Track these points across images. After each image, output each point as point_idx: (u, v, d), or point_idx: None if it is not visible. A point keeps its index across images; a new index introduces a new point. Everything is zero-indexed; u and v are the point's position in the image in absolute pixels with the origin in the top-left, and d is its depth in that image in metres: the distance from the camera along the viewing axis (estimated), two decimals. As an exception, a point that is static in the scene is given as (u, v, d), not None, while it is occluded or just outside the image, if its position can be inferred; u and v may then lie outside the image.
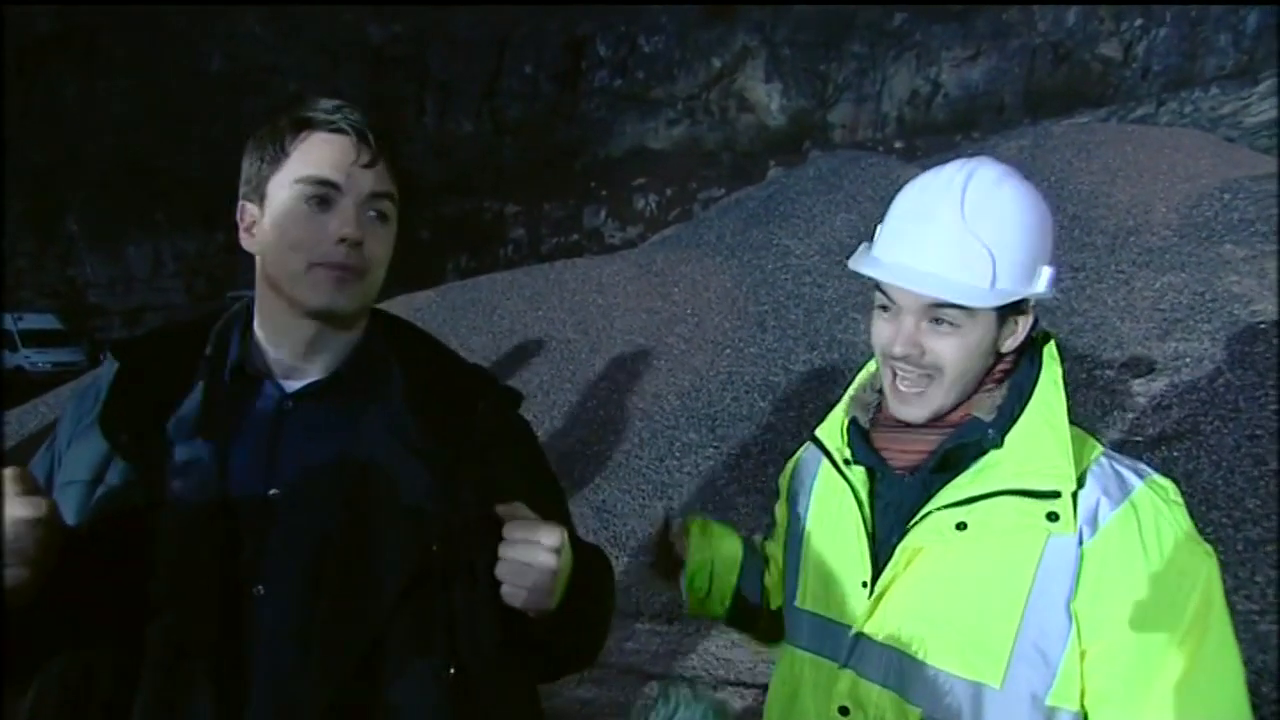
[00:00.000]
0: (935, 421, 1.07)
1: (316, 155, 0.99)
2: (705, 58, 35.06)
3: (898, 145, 26.13)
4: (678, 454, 5.71)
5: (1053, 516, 0.94)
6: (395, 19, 34.45)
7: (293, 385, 1.03)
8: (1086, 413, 4.86)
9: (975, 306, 1.00)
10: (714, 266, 8.33)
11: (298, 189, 0.99)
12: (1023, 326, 1.05)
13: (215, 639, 0.90)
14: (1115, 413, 4.83)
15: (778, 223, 8.59)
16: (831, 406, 1.30)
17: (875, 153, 12.85)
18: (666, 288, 8.10)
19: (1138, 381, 5.06)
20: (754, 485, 5.25)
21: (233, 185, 1.06)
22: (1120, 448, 3.58)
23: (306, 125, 1.01)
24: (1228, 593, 3.07)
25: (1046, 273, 1.03)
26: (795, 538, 1.22)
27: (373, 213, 1.02)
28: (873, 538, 1.07)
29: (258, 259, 1.04)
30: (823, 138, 30.29)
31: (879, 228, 1.16)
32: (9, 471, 0.85)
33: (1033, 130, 11.11)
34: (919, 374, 1.03)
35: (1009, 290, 1.00)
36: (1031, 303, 1.06)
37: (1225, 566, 3.35)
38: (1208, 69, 23.51)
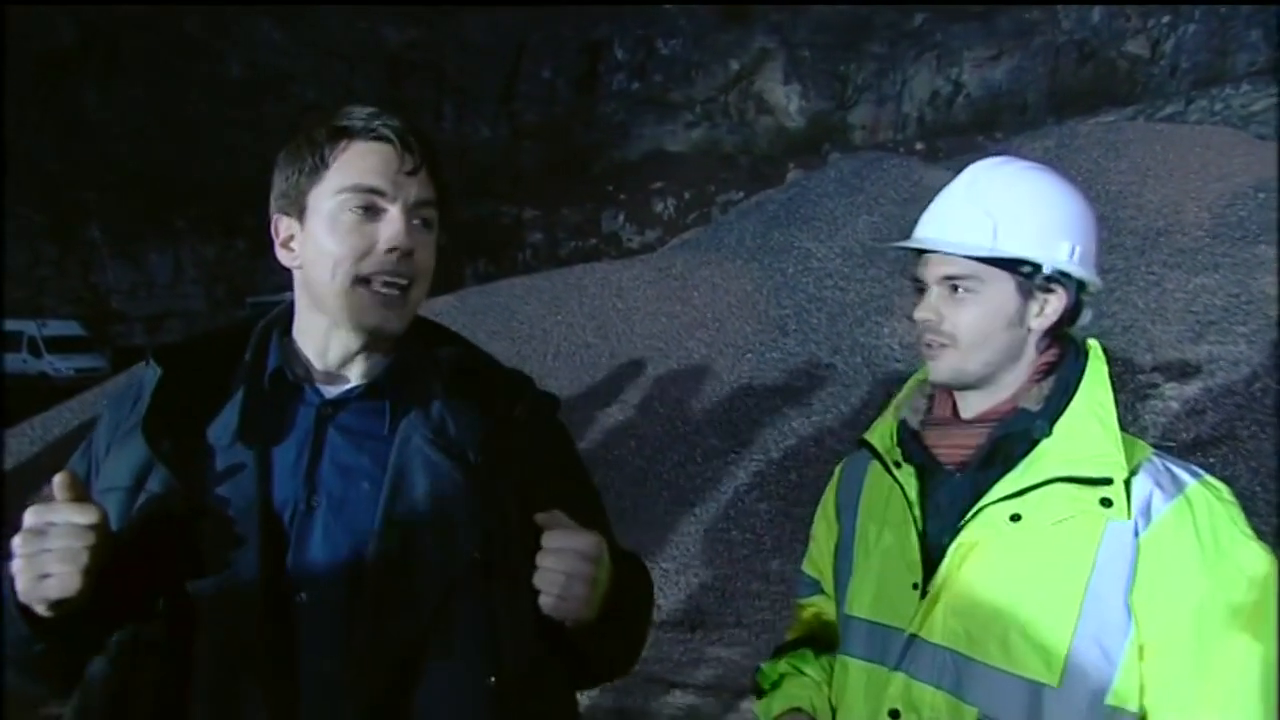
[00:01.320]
0: (986, 414, 1.08)
1: (361, 164, 0.98)
2: (723, 60, 35.06)
3: (919, 146, 25.99)
4: (699, 460, 5.70)
5: (1106, 502, 0.94)
6: (411, 24, 34.72)
7: (332, 392, 1.03)
8: (1121, 418, 4.80)
9: (968, 257, 1.04)
10: (734, 270, 8.33)
11: (343, 199, 0.97)
12: (1053, 305, 1.06)
13: (260, 647, 0.90)
14: (1148, 417, 4.77)
15: (798, 225, 8.55)
16: (855, 411, 1.31)
17: (896, 154, 12.78)
18: (686, 292, 8.09)
19: (1170, 385, 4.99)
20: (776, 491, 5.23)
21: (252, 191, 1.06)
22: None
23: (345, 134, 0.99)
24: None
25: (1067, 247, 1.05)
26: (845, 546, 1.20)
27: (418, 220, 1.01)
28: (923, 538, 1.07)
29: (297, 273, 1.04)
30: (843, 139, 30.19)
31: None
32: (59, 477, 0.85)
33: (1058, 130, 11.00)
34: (939, 341, 1.07)
35: (1013, 248, 1.03)
36: (1070, 286, 1.07)
37: (1266, 576, 3.26)
38: (1238, 65, 23.19)
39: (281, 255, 1.04)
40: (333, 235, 0.98)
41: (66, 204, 30.20)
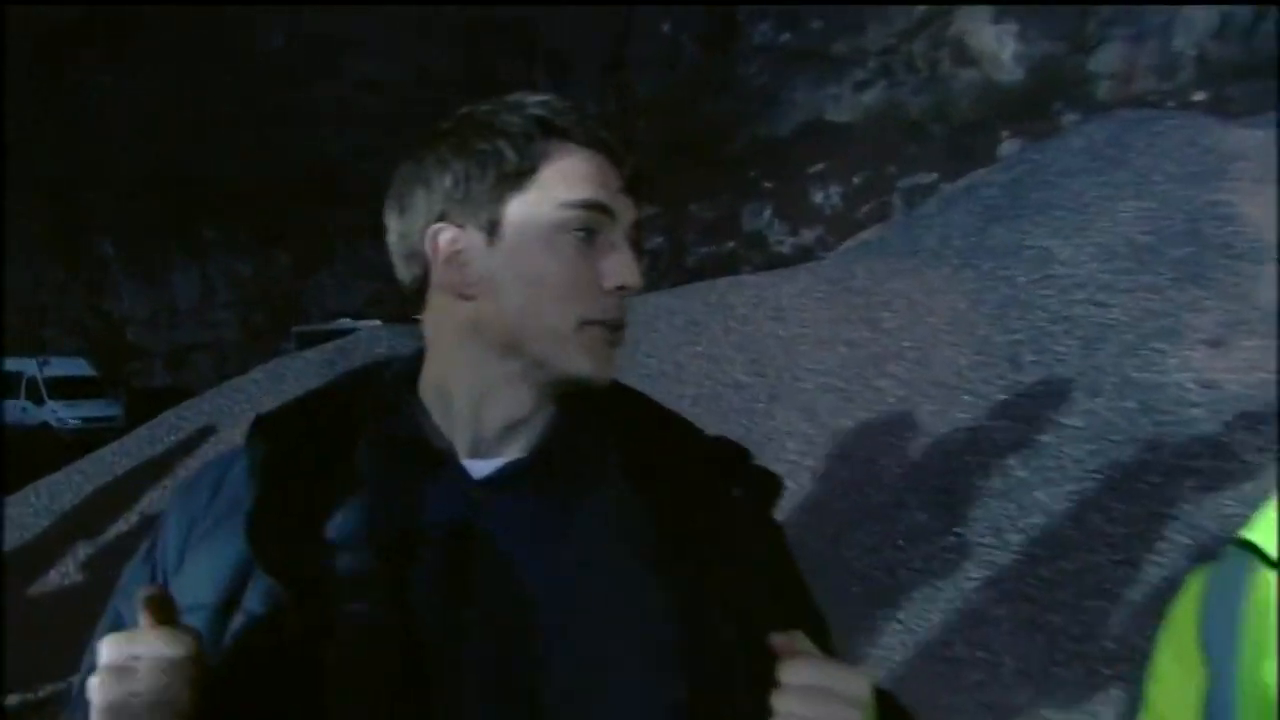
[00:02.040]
0: None
1: (581, 173, 1.01)
2: (906, -4, 34.78)
3: (1199, 97, 24.82)
4: (901, 542, 5.58)
5: None
6: (494, -27, 36.25)
7: (483, 469, 1.04)
8: None
9: None
10: (939, 281, 8.17)
11: (566, 216, 1.00)
12: None
13: None
14: None
15: (1030, 217, 8.32)
16: (1130, 475, 1.21)
17: (1168, 110, 12.26)
18: (873, 312, 7.99)
19: None
20: (1018, 591, 5.05)
21: (298, 192, 1.07)
22: None
23: (556, 132, 1.02)
24: None
25: None
26: (1222, 697, 1.11)
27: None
28: None
29: (453, 301, 1.05)
30: (1081, 94, 29.05)
31: None
32: (144, 594, 0.87)
33: None
34: None
35: None
36: None
37: None
38: None
39: (445, 275, 1.04)
40: (553, 261, 1.00)
41: (72, 212, 32.74)
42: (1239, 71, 27.58)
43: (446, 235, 1.03)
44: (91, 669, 0.86)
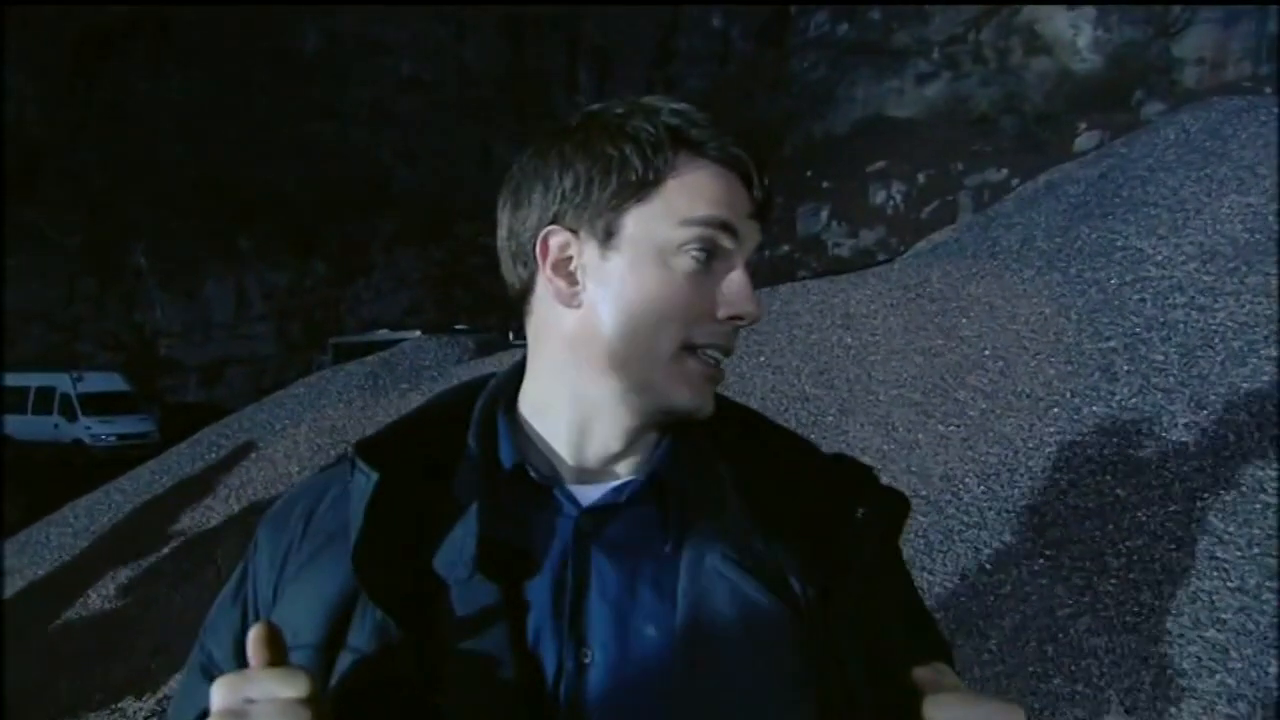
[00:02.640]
0: None
1: (709, 191, 1.01)
2: (972, -17, 34.53)
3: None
4: (988, 566, 5.47)
5: None
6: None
7: (590, 495, 1.05)
8: None
9: None
10: (1021, 285, 8.10)
11: (688, 234, 1.00)
12: None
13: None
14: None
15: (1120, 216, 8.23)
16: (1245, 495, 1.13)
17: (1269, 97, 12.09)
18: (950, 319, 7.93)
19: None
20: (1119, 621, 4.94)
21: (335, 198, 1.06)
22: None
23: (687, 144, 1.01)
24: None
25: None
26: None
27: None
28: None
29: (558, 310, 1.05)
30: (1164, 82, 28.65)
31: None
32: (257, 631, 0.86)
33: None
34: None
35: None
36: None
37: None
38: None
39: (550, 285, 1.04)
40: (667, 281, 1.00)
41: (106, 222, 33.49)
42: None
43: (558, 239, 1.03)
44: (201, 714, 0.87)
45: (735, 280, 1.02)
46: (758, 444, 1.13)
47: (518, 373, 1.13)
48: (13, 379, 23.94)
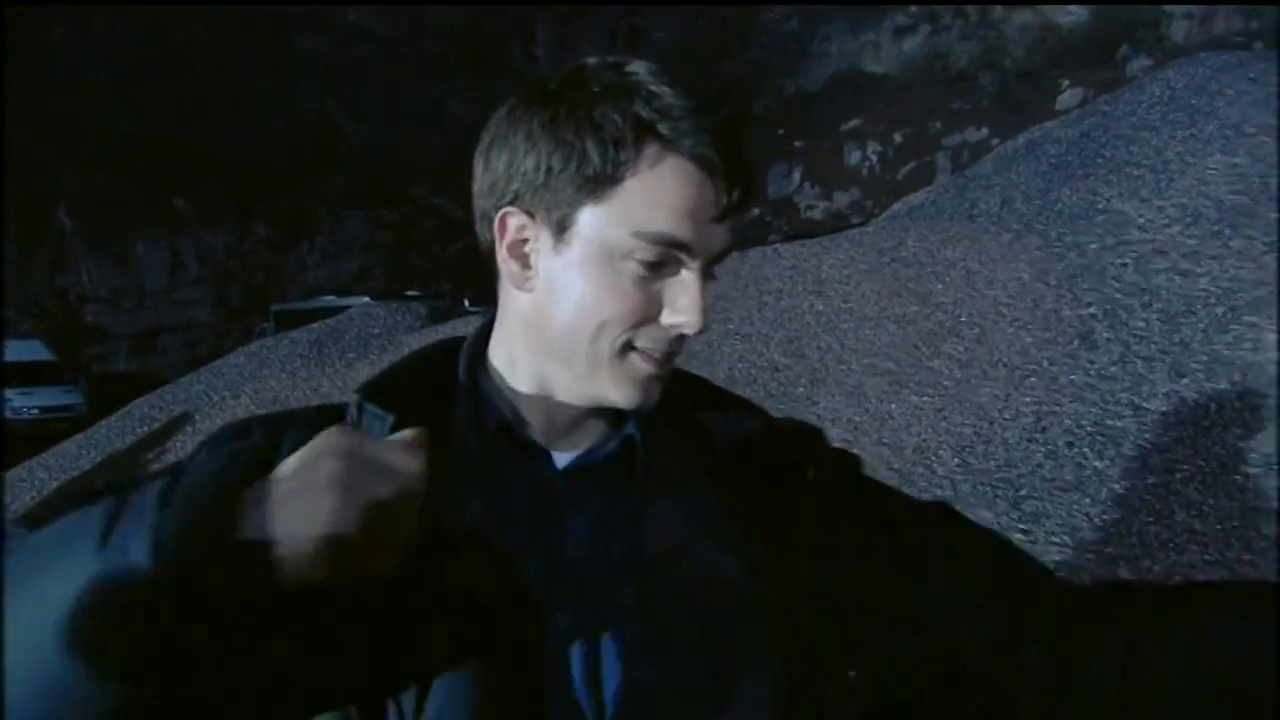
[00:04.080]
0: None
1: (671, 199, 1.00)
2: (952, -70, 34.51)
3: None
4: (963, 543, 5.58)
5: None
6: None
7: (562, 459, 1.10)
8: None
9: None
10: (999, 250, 8.18)
11: (634, 245, 1.01)
12: None
13: None
14: None
15: (1102, 177, 8.32)
16: (1224, 466, 1.18)
17: (1259, 53, 12.17)
18: (925, 284, 8.01)
19: None
20: (1096, 596, 5.02)
21: (279, 159, 1.05)
22: None
23: (655, 138, 1.01)
24: None
25: None
26: None
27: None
28: None
29: (520, 293, 1.09)
30: (1152, 37, 28.76)
31: None
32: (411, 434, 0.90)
33: None
34: None
35: None
36: None
37: None
38: None
39: (506, 264, 1.08)
40: (610, 288, 1.03)
41: (27, 181, 32.93)
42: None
43: (516, 220, 1.06)
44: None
45: (685, 289, 1.03)
46: (712, 411, 1.17)
47: (488, 328, 1.16)
48: (-71, 349, 23.65)
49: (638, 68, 1.03)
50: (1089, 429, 6.03)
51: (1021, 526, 5.56)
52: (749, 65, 36.88)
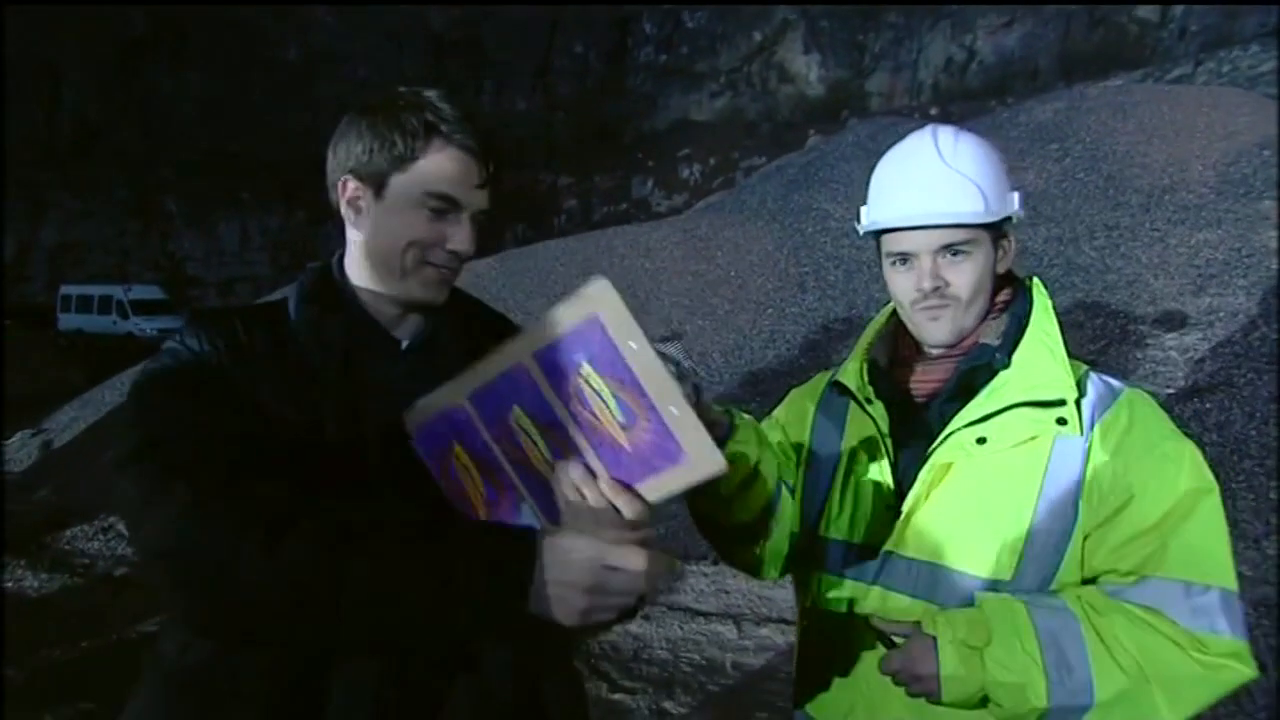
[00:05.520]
0: (950, 350, 1.10)
1: (446, 171, 0.99)
2: (746, 31, 34.10)
3: (933, 111, 25.19)
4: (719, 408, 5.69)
5: (1061, 421, 1.00)
6: (453, 4, 34.24)
7: (405, 342, 1.05)
8: (1119, 366, 4.70)
9: (981, 223, 1.06)
10: (756, 231, 8.21)
11: (425, 198, 0.99)
12: (1011, 248, 1.12)
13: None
14: (1148, 366, 4.66)
15: (817, 188, 8.40)
16: None
17: (911, 119, 12.44)
18: (710, 251, 8.02)
19: (1171, 335, 4.86)
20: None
21: (309, 166, 1.03)
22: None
23: (437, 134, 0.99)
24: (1260, 537, 2.91)
25: (1018, 197, 1.11)
26: (822, 473, 1.18)
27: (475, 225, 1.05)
28: (895, 466, 1.09)
29: (355, 231, 1.04)
30: (860, 106, 29.29)
31: (867, 203, 1.18)
32: (609, 485, 0.83)
33: (1068, 94, 10.60)
34: (940, 304, 1.07)
35: (999, 210, 1.07)
36: (1014, 224, 1.12)
37: (1258, 513, 3.18)
38: (1247, 28, 22.06)
39: (346, 212, 1.03)
40: (410, 225, 0.99)
41: (147, 181, 30.62)
42: (957, 95, 28.29)
43: (351, 184, 1.02)
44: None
45: (460, 229, 1.00)
46: (484, 320, 1.15)
47: (342, 258, 1.08)
48: (83, 290, 22.39)
49: (431, 92, 1.01)
50: (800, 341, 6.18)
51: (757, 400, 5.62)
52: (621, 112, 36.09)
